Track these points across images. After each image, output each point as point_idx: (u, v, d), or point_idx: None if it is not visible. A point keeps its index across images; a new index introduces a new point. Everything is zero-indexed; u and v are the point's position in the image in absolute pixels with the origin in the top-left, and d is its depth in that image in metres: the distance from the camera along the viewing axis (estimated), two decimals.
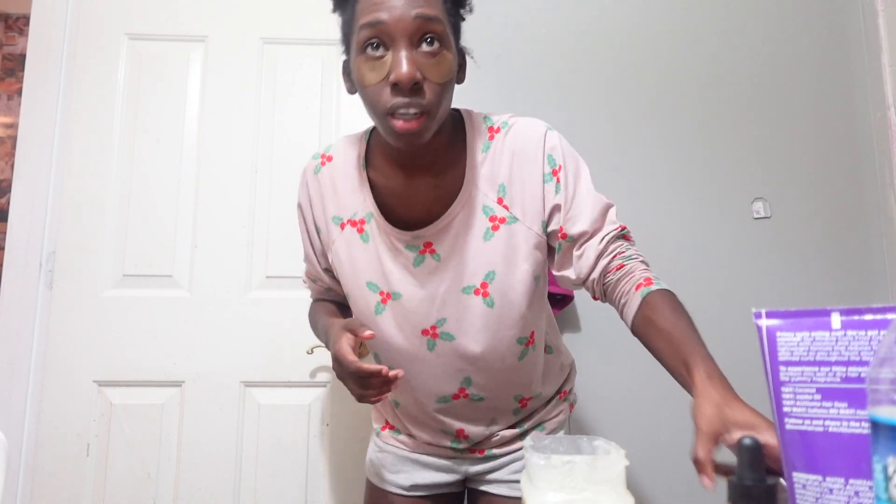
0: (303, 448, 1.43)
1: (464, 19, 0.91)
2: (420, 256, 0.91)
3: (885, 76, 1.61)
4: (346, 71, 0.90)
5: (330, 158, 0.98)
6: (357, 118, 1.53)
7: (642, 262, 0.95)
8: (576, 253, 0.90)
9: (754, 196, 1.63)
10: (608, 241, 0.91)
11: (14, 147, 2.10)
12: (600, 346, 1.55)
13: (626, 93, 1.66)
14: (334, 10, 0.89)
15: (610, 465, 0.48)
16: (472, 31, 1.17)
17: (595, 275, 0.90)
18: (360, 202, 0.93)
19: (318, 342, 1.43)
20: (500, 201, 0.90)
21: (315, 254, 1.01)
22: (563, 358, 1.10)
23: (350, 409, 1.44)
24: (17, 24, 3.36)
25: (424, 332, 0.92)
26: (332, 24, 1.55)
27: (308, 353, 1.42)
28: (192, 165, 1.51)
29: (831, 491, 0.45)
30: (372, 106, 0.84)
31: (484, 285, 0.89)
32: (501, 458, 1.03)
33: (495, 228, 0.90)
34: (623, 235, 0.94)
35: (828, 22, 1.70)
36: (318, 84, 1.55)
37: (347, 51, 0.88)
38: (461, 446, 1.01)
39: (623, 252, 0.92)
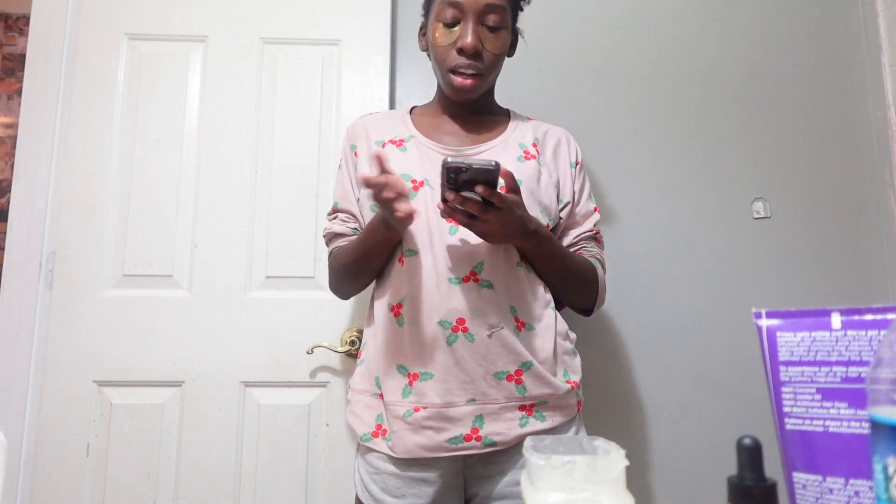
0: (303, 448, 1.42)
1: (522, 10, 1.16)
2: None
3: (885, 76, 1.61)
4: (423, 31, 1.16)
5: (378, 112, 1.24)
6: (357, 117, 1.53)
7: (597, 259, 1.16)
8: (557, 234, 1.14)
9: (754, 196, 1.63)
10: (581, 239, 1.16)
11: (14, 147, 2.10)
12: (599, 348, 1.55)
13: (626, 93, 1.66)
14: None
15: (610, 465, 0.48)
16: None
17: None
18: (402, 130, 1.15)
19: (318, 342, 1.44)
20: (534, 145, 1.13)
21: (352, 184, 1.17)
22: (559, 323, 1.10)
23: None
24: (17, 24, 3.36)
25: (449, 219, 0.99)
26: (332, 24, 1.56)
27: (308, 352, 1.42)
28: (192, 165, 1.51)
29: (831, 491, 0.45)
30: (439, 62, 1.09)
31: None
32: (502, 462, 1.02)
33: (527, 158, 1.11)
34: (594, 238, 1.18)
35: (828, 22, 1.70)
36: (318, 84, 1.55)
37: (426, 15, 1.13)
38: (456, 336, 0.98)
39: (587, 248, 1.16)
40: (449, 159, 0.83)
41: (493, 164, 0.84)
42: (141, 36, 1.55)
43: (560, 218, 1.13)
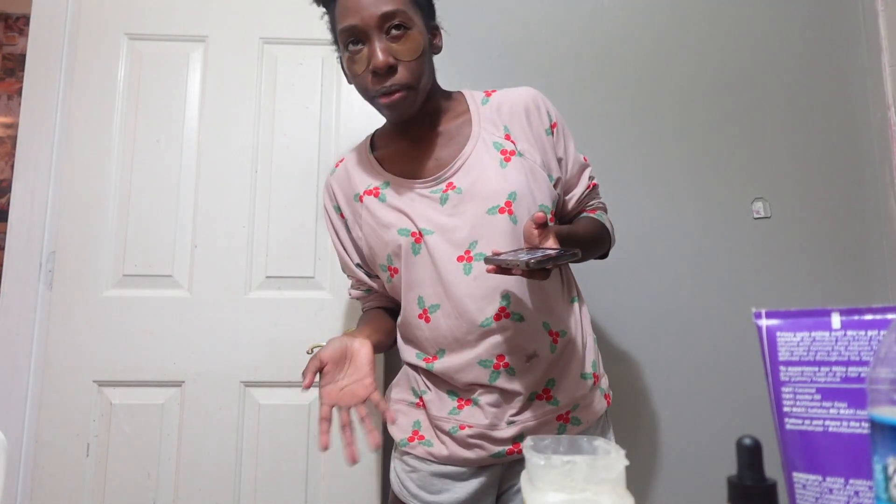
0: (303, 448, 1.43)
1: (432, 2, 1.06)
2: (444, 195, 1.01)
3: (885, 76, 1.61)
4: (342, 64, 1.05)
5: (342, 160, 1.14)
6: (357, 117, 1.54)
7: (602, 209, 1.17)
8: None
9: (754, 196, 1.63)
10: (583, 199, 1.13)
11: (14, 147, 2.10)
12: (598, 347, 1.55)
13: (626, 92, 1.66)
14: (322, 17, 1.08)
15: (610, 465, 0.48)
16: (474, 32, 1.19)
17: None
18: (373, 177, 1.07)
19: (318, 342, 1.43)
20: (507, 137, 1.03)
21: (345, 249, 1.12)
22: (584, 312, 1.10)
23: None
24: (17, 24, 3.36)
25: (460, 258, 0.98)
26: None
27: (308, 352, 1.42)
28: (192, 165, 1.51)
29: (831, 491, 0.45)
30: (362, 92, 1.01)
31: (508, 204, 0.98)
32: None
33: (507, 160, 1.01)
34: (592, 189, 1.15)
35: (828, 22, 1.70)
36: (318, 84, 1.55)
37: (338, 48, 1.04)
38: (500, 385, 0.98)
39: (591, 204, 1.15)
40: (532, 262, 0.79)
41: (574, 253, 0.82)
42: (141, 36, 1.55)
43: (559, 195, 1.09)
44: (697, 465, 1.51)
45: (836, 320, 0.48)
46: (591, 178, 1.14)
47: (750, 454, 0.45)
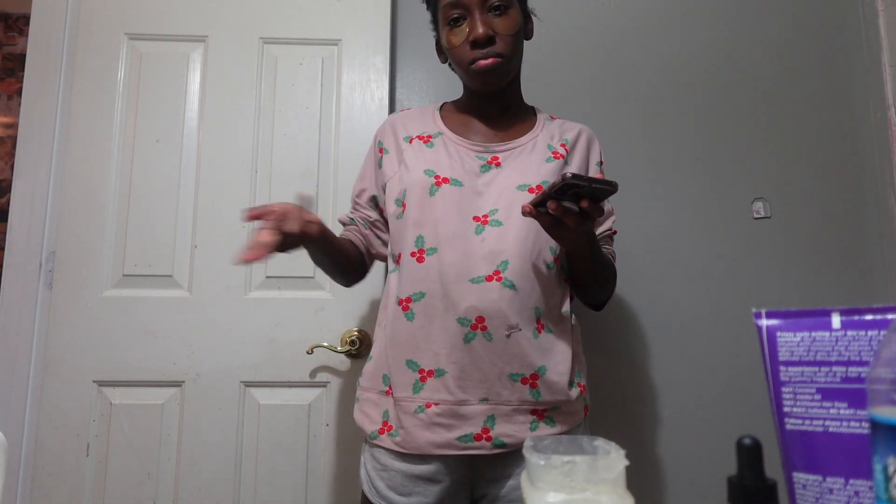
0: (303, 448, 1.43)
1: None
2: (486, 165, 1.08)
3: (885, 76, 1.61)
4: (438, 45, 1.15)
5: (409, 109, 1.23)
6: (357, 117, 1.54)
7: (613, 256, 1.20)
8: None
9: (754, 196, 1.63)
10: (603, 237, 1.16)
11: (14, 147, 2.10)
12: (599, 347, 1.55)
13: (627, 92, 1.66)
14: (423, 0, 1.17)
15: (610, 465, 0.48)
16: None
17: None
18: (431, 125, 1.14)
19: (318, 342, 1.44)
20: (563, 146, 1.12)
21: (368, 179, 1.18)
22: (575, 328, 1.11)
23: (350, 409, 1.44)
24: (17, 24, 3.36)
25: (476, 217, 1.03)
26: (332, 24, 1.56)
27: (308, 352, 1.42)
28: (192, 165, 1.51)
29: (831, 491, 0.45)
30: (458, 62, 1.08)
31: (539, 187, 1.04)
32: (509, 466, 1.01)
33: (555, 157, 1.10)
34: (609, 236, 1.18)
35: (828, 22, 1.70)
36: (318, 84, 1.55)
37: (436, 28, 1.14)
38: (473, 335, 0.98)
39: (605, 246, 1.16)
40: (570, 174, 0.81)
41: (613, 184, 0.84)
42: (141, 36, 1.55)
43: None
44: (697, 465, 1.51)
45: (836, 320, 0.48)
46: (613, 223, 1.18)
47: (750, 454, 0.44)
